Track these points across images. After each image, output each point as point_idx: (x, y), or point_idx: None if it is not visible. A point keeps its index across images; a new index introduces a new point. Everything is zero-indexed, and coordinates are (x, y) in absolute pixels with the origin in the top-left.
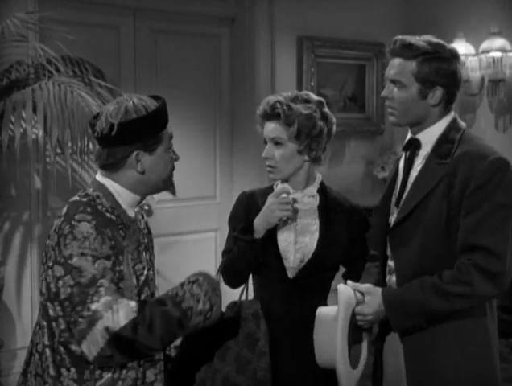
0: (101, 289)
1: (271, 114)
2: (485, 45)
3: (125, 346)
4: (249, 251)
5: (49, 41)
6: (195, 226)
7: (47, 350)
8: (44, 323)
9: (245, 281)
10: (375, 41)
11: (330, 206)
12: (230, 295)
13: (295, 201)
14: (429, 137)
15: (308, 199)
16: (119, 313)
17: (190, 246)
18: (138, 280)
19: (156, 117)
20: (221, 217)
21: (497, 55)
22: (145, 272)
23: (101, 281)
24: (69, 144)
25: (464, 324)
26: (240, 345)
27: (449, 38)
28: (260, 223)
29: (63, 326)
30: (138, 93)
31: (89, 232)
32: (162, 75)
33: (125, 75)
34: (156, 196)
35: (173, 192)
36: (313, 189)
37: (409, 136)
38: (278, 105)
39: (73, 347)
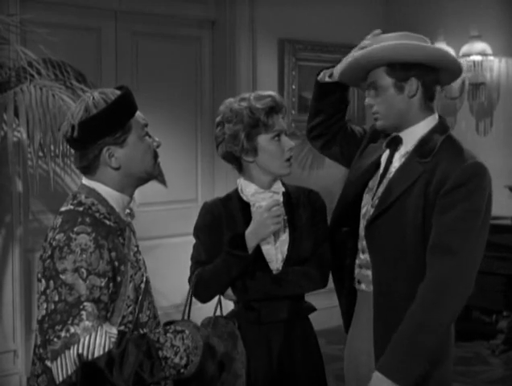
0: (83, 312)
1: (281, 107)
2: (465, 48)
3: (91, 378)
4: (238, 266)
5: (30, 44)
6: (176, 229)
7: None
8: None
9: (220, 294)
10: (356, 44)
11: (293, 201)
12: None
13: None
14: (411, 136)
15: (275, 196)
16: (96, 341)
17: (171, 250)
18: (139, 288)
19: (118, 107)
20: None
21: (478, 58)
22: (144, 279)
23: (86, 303)
24: (51, 147)
25: None
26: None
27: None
28: (253, 240)
29: (38, 341)
30: None
31: (88, 245)
32: (143, 78)
33: (107, 77)
34: (138, 199)
35: (162, 182)
36: (279, 185)
37: (393, 134)
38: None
39: (49, 364)
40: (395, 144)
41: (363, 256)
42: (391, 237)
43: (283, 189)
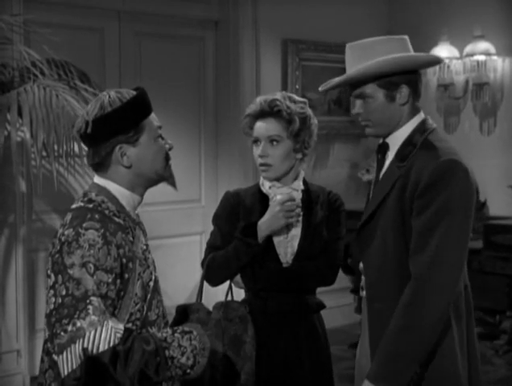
0: (89, 306)
1: (269, 112)
2: (468, 48)
3: (95, 373)
4: (247, 254)
5: (34, 44)
6: (180, 229)
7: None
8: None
9: (230, 280)
10: None
11: (312, 199)
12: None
13: (298, 206)
14: (396, 140)
15: (294, 192)
16: (101, 336)
17: (175, 250)
18: (148, 286)
19: (133, 107)
20: (206, 220)
21: (481, 58)
22: (153, 277)
23: (92, 298)
24: (55, 147)
25: None
26: (225, 347)
27: (433, 41)
28: (264, 230)
29: (46, 335)
30: None
31: (96, 241)
32: (146, 78)
33: (110, 77)
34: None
35: (173, 184)
36: (299, 183)
37: (381, 139)
38: (278, 103)
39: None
40: (383, 150)
41: (361, 264)
42: (375, 244)
43: (303, 187)
